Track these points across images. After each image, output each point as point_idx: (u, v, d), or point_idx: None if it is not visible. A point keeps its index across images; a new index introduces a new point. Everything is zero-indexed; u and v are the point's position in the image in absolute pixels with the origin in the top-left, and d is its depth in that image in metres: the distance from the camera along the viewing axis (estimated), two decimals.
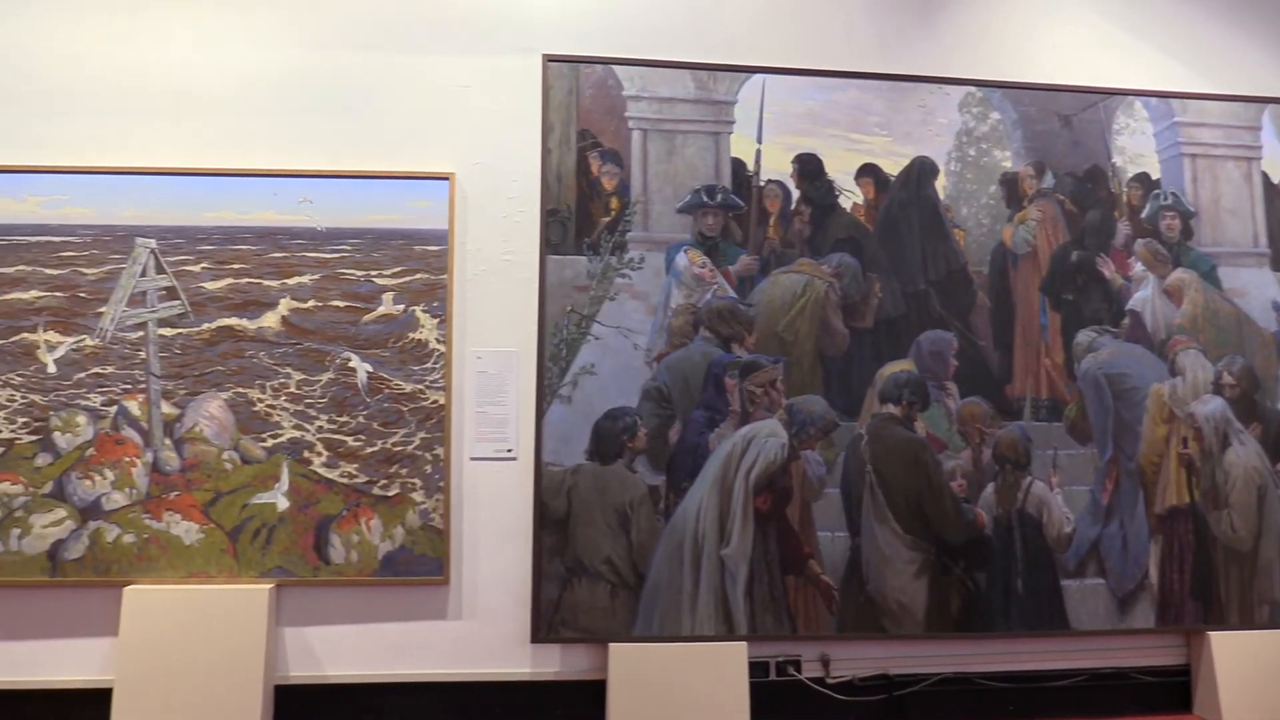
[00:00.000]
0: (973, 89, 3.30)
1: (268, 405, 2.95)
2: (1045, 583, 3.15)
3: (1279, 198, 3.40)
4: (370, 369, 2.98)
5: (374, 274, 3.01)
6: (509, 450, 3.03)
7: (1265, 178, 3.41)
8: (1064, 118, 3.33)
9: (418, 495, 2.95)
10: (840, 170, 3.19)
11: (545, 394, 3.00)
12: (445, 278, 3.02)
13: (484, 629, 3.00)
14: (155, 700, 2.79)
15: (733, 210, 3.13)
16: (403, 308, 3.01)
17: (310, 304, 2.99)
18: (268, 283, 2.99)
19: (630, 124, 3.12)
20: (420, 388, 2.98)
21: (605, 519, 2.99)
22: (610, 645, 2.93)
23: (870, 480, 3.09)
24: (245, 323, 2.98)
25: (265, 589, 2.87)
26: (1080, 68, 3.40)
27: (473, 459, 3.03)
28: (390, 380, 2.98)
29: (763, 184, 3.15)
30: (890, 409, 3.13)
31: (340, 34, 3.13)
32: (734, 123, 3.16)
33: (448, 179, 3.04)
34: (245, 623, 2.85)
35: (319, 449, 2.95)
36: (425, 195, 3.03)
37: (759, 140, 3.16)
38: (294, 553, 2.92)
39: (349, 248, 3.01)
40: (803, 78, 3.21)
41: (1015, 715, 3.14)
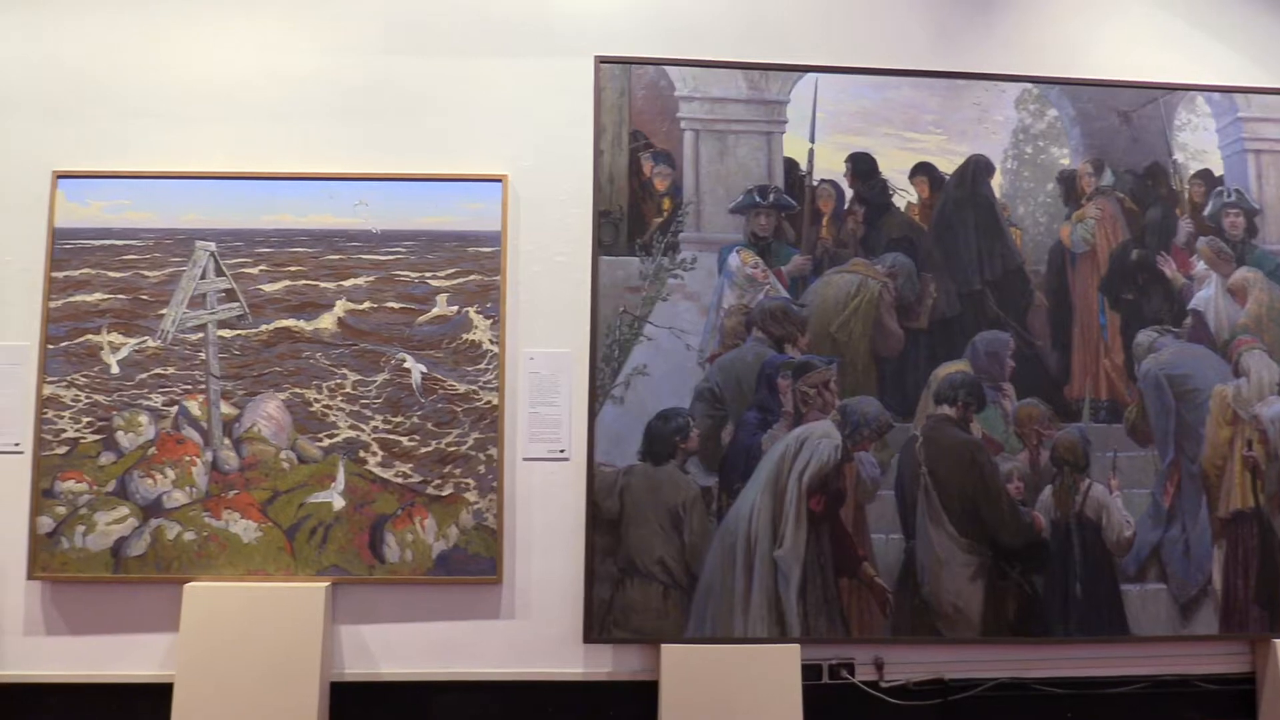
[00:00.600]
0: (1029, 86, 3.24)
1: (324, 405, 2.98)
2: (1104, 587, 3.09)
3: None
4: (424, 370, 3.01)
5: (428, 276, 3.03)
6: (561, 451, 3.03)
7: None
8: (1123, 114, 3.27)
9: (471, 495, 2.97)
10: (894, 169, 3.16)
11: (598, 395, 3.00)
12: (498, 279, 3.03)
13: (537, 629, 3.01)
14: (215, 695, 2.83)
15: (785, 210, 3.11)
16: (456, 309, 3.02)
17: (366, 305, 3.02)
18: (324, 285, 3.02)
19: (682, 124, 3.11)
20: (474, 388, 3.00)
21: (657, 520, 2.98)
22: (662, 646, 2.92)
23: (925, 482, 3.06)
24: (302, 324, 3.01)
25: (322, 587, 2.91)
26: (1140, 62, 3.33)
27: (525, 459, 3.04)
28: (444, 381, 3.00)
29: (816, 184, 3.13)
30: (945, 410, 3.09)
31: (396, 40, 3.16)
32: (786, 122, 3.14)
33: (501, 181, 3.06)
34: (302, 620, 2.88)
35: (374, 449, 2.98)
36: (478, 197, 3.05)
37: (812, 140, 3.14)
38: (349, 551, 2.95)
39: (404, 250, 3.04)
40: (856, 76, 3.18)
41: None
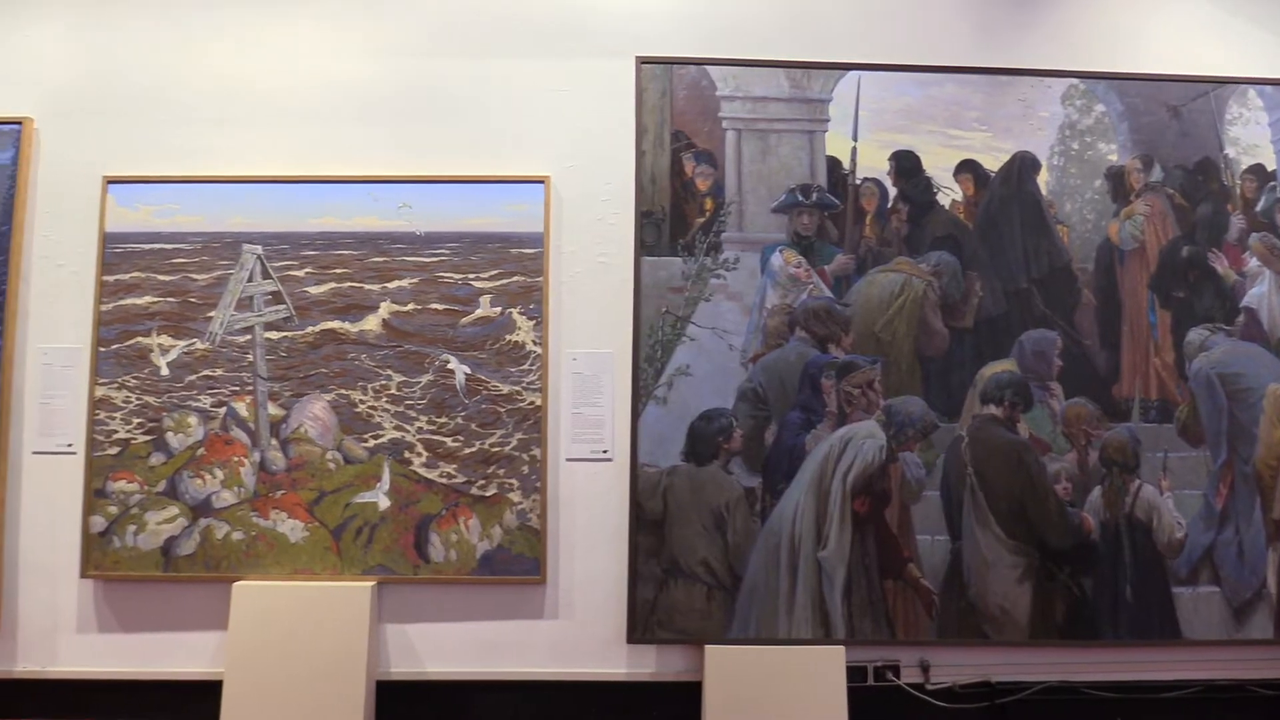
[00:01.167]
0: (1075, 81, 3.20)
1: (369, 406, 3.01)
2: (1155, 590, 3.04)
3: None
4: (468, 371, 3.02)
5: (471, 277, 3.05)
6: (604, 451, 3.03)
7: None
8: (1172, 108, 3.21)
9: (515, 495, 2.98)
10: (938, 167, 3.13)
11: (640, 395, 3.00)
12: (541, 280, 3.04)
13: (580, 629, 3.01)
14: (263, 693, 2.86)
15: (828, 209, 3.09)
16: (500, 310, 3.04)
17: (410, 307, 3.04)
18: (369, 287, 3.05)
19: (724, 124, 3.10)
20: (517, 389, 3.01)
21: (701, 520, 2.97)
22: (706, 647, 2.92)
23: (971, 483, 3.03)
24: (347, 326, 3.04)
25: (367, 586, 2.93)
26: (1189, 55, 3.27)
27: (569, 460, 3.04)
28: (488, 382, 3.02)
29: (859, 182, 3.11)
30: (992, 410, 3.05)
31: (438, 42, 3.18)
32: (829, 121, 3.12)
33: (543, 182, 3.06)
34: (348, 619, 2.90)
35: (419, 449, 3.00)
36: (521, 198, 3.05)
37: (854, 138, 3.12)
38: (395, 551, 2.97)
39: (447, 251, 3.05)
40: (899, 73, 3.15)
41: None
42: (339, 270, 3.05)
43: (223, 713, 2.86)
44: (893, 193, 3.12)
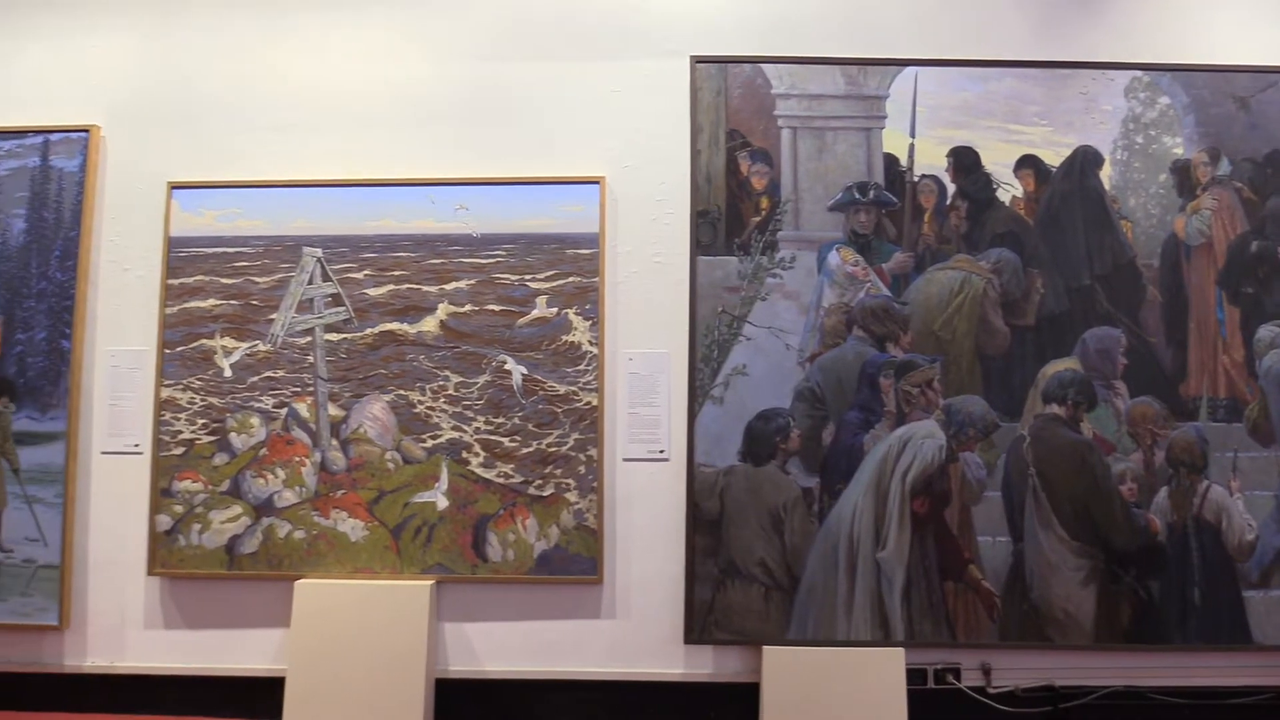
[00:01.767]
0: (1139, 73, 3.13)
1: (427, 407, 3.03)
2: (1225, 593, 2.97)
3: None
4: (525, 371, 3.03)
5: (528, 278, 3.06)
6: (661, 451, 3.03)
7: None
8: (1240, 99, 3.13)
9: (572, 495, 2.99)
10: (998, 163, 3.08)
11: (697, 395, 2.99)
12: (597, 280, 3.04)
13: (637, 629, 3.01)
14: (325, 690, 2.90)
15: (886, 207, 3.06)
16: (556, 311, 3.05)
17: (467, 308, 3.07)
18: (426, 288, 3.07)
19: (779, 122, 3.08)
20: (574, 389, 3.02)
21: (758, 520, 2.96)
22: (764, 648, 2.90)
23: (1033, 483, 2.98)
24: (405, 327, 3.07)
25: (426, 585, 2.95)
26: (1258, 45, 3.18)
27: (625, 460, 3.04)
28: (544, 382, 3.03)
29: (917, 179, 3.07)
30: (1054, 409, 3.00)
31: (494, 46, 3.20)
32: (885, 117, 3.09)
33: (598, 183, 3.07)
34: (408, 618, 2.93)
35: (476, 449, 3.02)
36: (576, 199, 3.06)
37: (912, 134, 3.08)
38: (453, 550, 2.99)
39: (503, 253, 3.07)
40: (957, 69, 3.11)
41: None
42: (397, 272, 3.08)
43: (285, 709, 2.90)
44: (951, 189, 3.08)
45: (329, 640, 2.93)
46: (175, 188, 3.14)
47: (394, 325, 3.07)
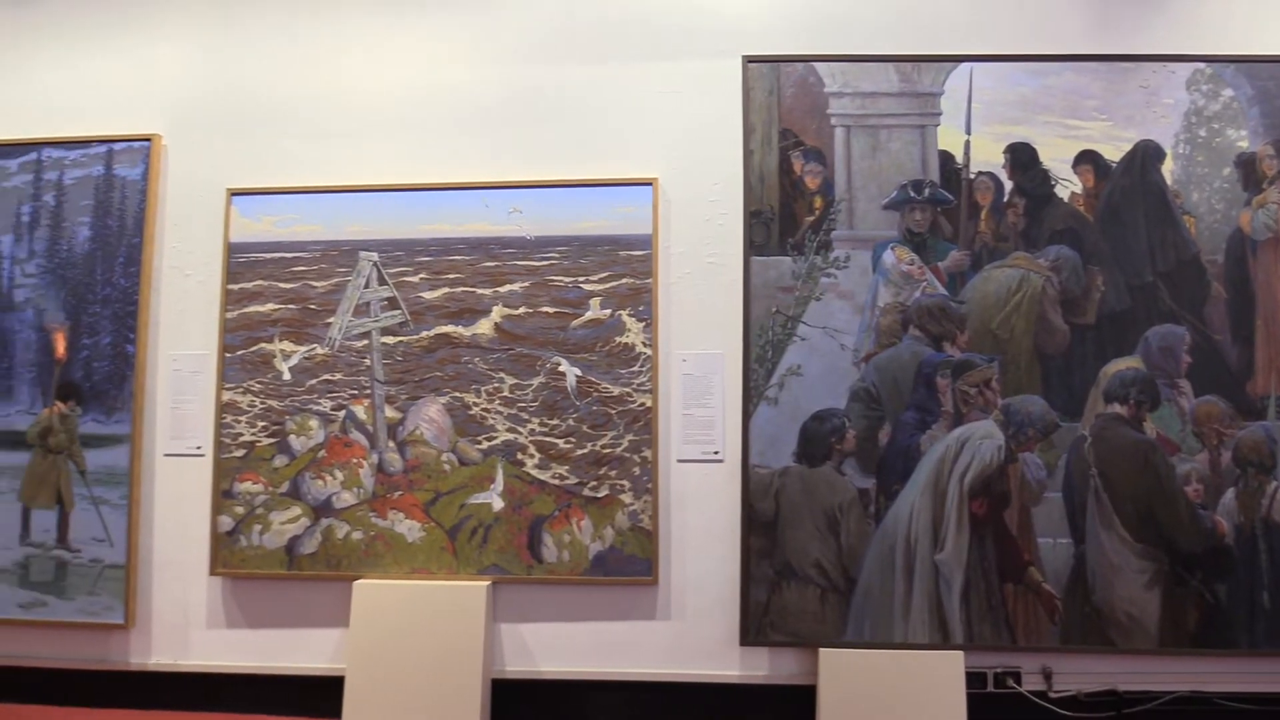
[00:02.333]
0: (1201, 65, 3.06)
1: (483, 409, 3.06)
2: None
3: None
4: (579, 373, 3.04)
5: (581, 280, 3.07)
6: (715, 452, 3.03)
7: None
8: None
9: (626, 496, 2.99)
10: (1056, 159, 3.03)
11: (751, 396, 2.98)
12: (650, 282, 3.04)
13: (692, 630, 3.01)
14: (384, 689, 2.93)
15: (941, 205, 3.03)
16: (610, 312, 3.05)
17: (521, 310, 3.08)
18: (481, 291, 3.10)
19: (833, 121, 3.06)
20: (628, 390, 3.02)
21: (814, 522, 2.94)
22: (820, 650, 2.88)
23: (1095, 484, 2.93)
24: (461, 330, 3.09)
25: (483, 586, 2.97)
26: None
27: (680, 461, 3.04)
28: (599, 384, 3.04)
29: (972, 176, 3.03)
30: (1116, 409, 2.95)
31: (546, 48, 3.22)
32: (940, 114, 3.05)
33: (651, 184, 3.07)
34: (464, 618, 2.95)
35: (531, 451, 3.03)
36: (629, 201, 3.07)
37: (967, 131, 3.04)
38: (509, 551, 3.01)
39: (557, 255, 3.08)
40: (1013, 64, 3.06)
41: None
42: (452, 275, 3.11)
43: (345, 708, 2.93)
44: (1008, 186, 3.03)
45: (387, 640, 2.96)
46: (234, 194, 3.19)
47: (449, 328, 3.10)
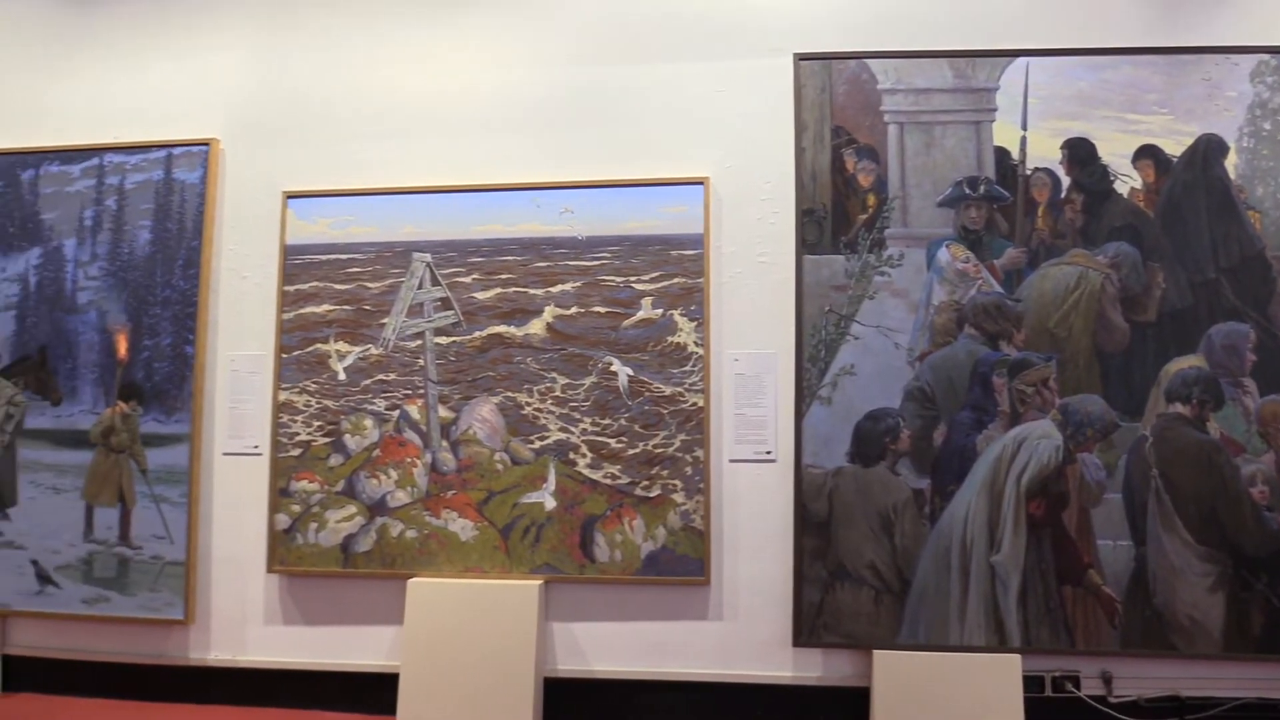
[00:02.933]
0: (1266, 56, 2.99)
1: (535, 409, 3.07)
2: None
3: None
4: (631, 372, 3.05)
5: (633, 280, 3.08)
6: (768, 452, 3.01)
7: None
8: None
9: (678, 496, 2.99)
10: (1115, 154, 2.98)
11: (804, 395, 2.96)
12: (702, 281, 3.04)
13: (745, 631, 3.00)
14: (438, 686, 2.96)
15: (997, 202, 2.99)
16: (661, 312, 3.05)
17: (573, 310, 3.10)
18: (533, 291, 3.12)
19: (886, 118, 3.04)
20: (680, 390, 3.02)
21: (868, 522, 2.92)
22: (874, 652, 2.86)
23: (1156, 485, 2.87)
24: (513, 330, 3.11)
25: (535, 585, 2.99)
26: None
27: (732, 461, 3.03)
28: (650, 383, 3.04)
29: (1029, 172, 2.99)
30: (1178, 408, 2.89)
31: (596, 49, 3.23)
32: (996, 110, 3.02)
33: (702, 183, 3.07)
34: (517, 617, 2.97)
35: (583, 450, 3.04)
36: (680, 200, 3.07)
37: (1024, 127, 3.00)
38: (561, 550, 3.02)
39: (608, 255, 3.09)
40: (1070, 58, 3.02)
41: None
42: (504, 276, 3.13)
43: (399, 704, 2.96)
44: (1066, 182, 2.99)
45: (441, 638, 2.98)
46: (290, 197, 3.24)
47: (501, 328, 3.12)
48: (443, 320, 3.15)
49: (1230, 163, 2.97)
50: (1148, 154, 2.98)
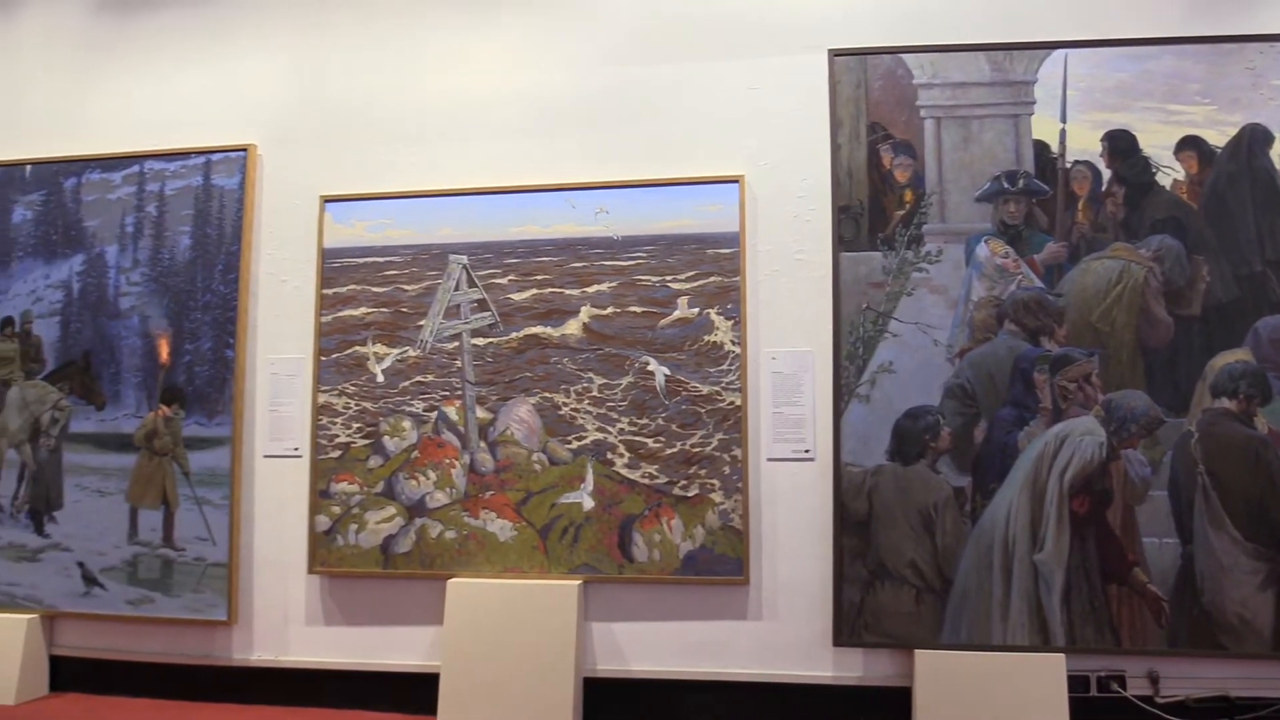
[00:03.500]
0: None
1: (572, 409, 3.08)
2: None
3: None
4: (668, 372, 3.05)
5: (669, 279, 3.07)
6: (806, 451, 3.00)
7: None
8: None
9: (717, 496, 2.98)
10: (1157, 145, 2.94)
11: (843, 393, 2.95)
12: (738, 280, 3.03)
13: (784, 630, 2.99)
14: (478, 686, 2.97)
15: (1037, 196, 2.96)
16: (697, 311, 3.05)
17: (609, 310, 3.10)
18: (569, 292, 3.12)
19: (922, 113, 3.02)
20: (717, 389, 3.01)
21: (908, 521, 2.90)
22: (916, 652, 2.84)
23: (1203, 482, 2.82)
24: (549, 330, 3.12)
25: (574, 585, 2.99)
26: None
27: (770, 460, 3.02)
28: (687, 383, 3.03)
29: (1069, 165, 2.96)
30: (1225, 403, 2.84)
31: (629, 49, 3.23)
32: (1034, 103, 2.98)
33: (737, 182, 3.06)
34: (556, 616, 2.98)
35: (621, 450, 3.04)
36: (716, 199, 3.06)
37: (1063, 120, 2.97)
38: (600, 550, 3.02)
39: (644, 254, 3.09)
40: (1110, 49, 2.98)
41: None
42: (540, 276, 3.14)
43: (440, 704, 2.98)
44: (1106, 175, 2.95)
45: (481, 638, 3.00)
46: (327, 201, 3.27)
47: (538, 329, 3.13)
48: (480, 321, 3.16)
49: (1275, 152, 2.92)
50: (1190, 145, 2.94)
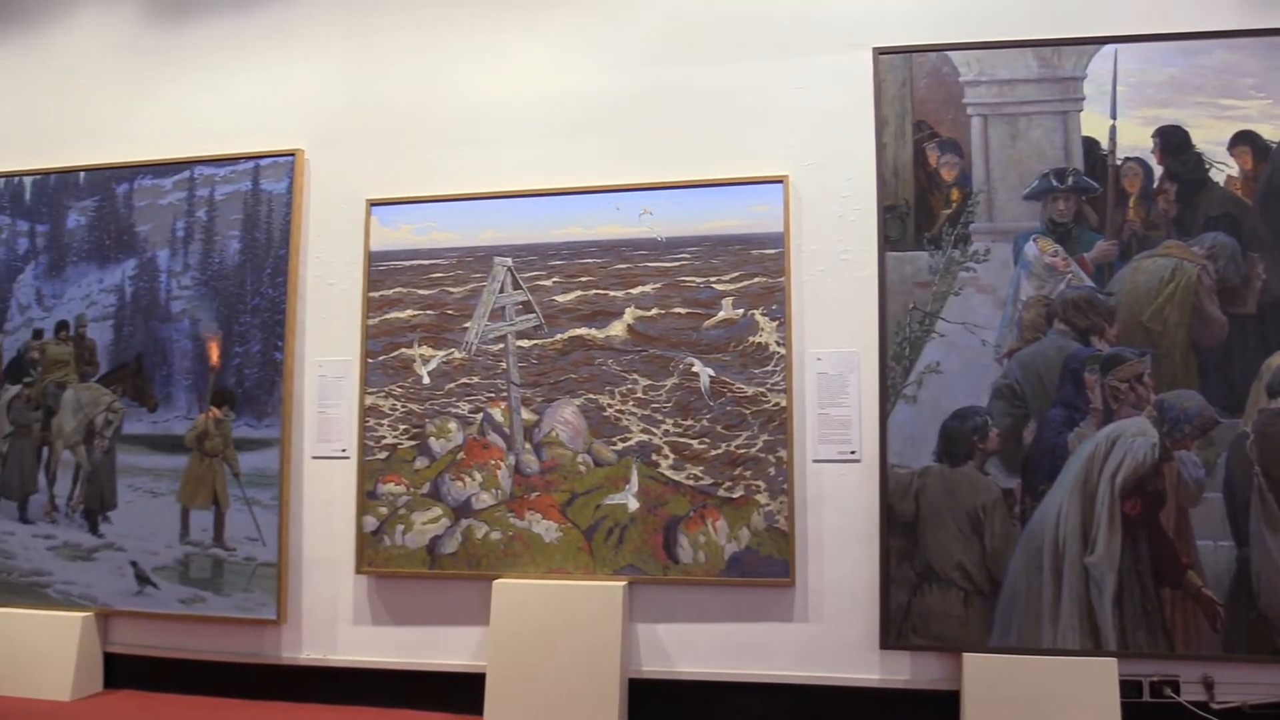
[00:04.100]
0: None
1: (617, 410, 3.09)
2: None
3: None
4: (712, 373, 3.05)
5: (713, 280, 3.07)
6: (852, 452, 2.99)
7: None
8: None
9: (762, 497, 2.98)
10: (1210, 141, 2.89)
11: (889, 394, 2.93)
12: (783, 280, 3.03)
13: (831, 632, 2.97)
14: (523, 686, 2.99)
15: (1086, 193, 2.92)
16: (742, 312, 3.05)
17: (653, 312, 3.11)
18: (613, 293, 3.13)
19: (969, 111, 2.99)
20: (762, 390, 3.01)
21: (956, 523, 2.87)
22: (964, 655, 2.82)
23: (1259, 484, 2.77)
24: (594, 332, 3.13)
25: (619, 586, 3.00)
26: None
27: (815, 461, 3.01)
28: (732, 384, 3.03)
29: (1119, 162, 2.91)
30: None
31: (672, 50, 3.24)
32: (1083, 99, 2.95)
33: (781, 181, 3.05)
34: (602, 618, 2.99)
35: (665, 452, 3.05)
36: (760, 199, 3.06)
37: (1113, 116, 2.92)
38: (645, 552, 3.03)
39: (688, 255, 3.10)
40: (1160, 44, 2.93)
41: None
42: (584, 278, 3.16)
43: (486, 703, 3.00)
44: (1158, 172, 2.90)
45: (526, 638, 3.01)
46: (374, 204, 3.30)
47: (582, 330, 3.14)
48: (524, 323, 3.19)
49: None
50: (1245, 140, 2.88)
